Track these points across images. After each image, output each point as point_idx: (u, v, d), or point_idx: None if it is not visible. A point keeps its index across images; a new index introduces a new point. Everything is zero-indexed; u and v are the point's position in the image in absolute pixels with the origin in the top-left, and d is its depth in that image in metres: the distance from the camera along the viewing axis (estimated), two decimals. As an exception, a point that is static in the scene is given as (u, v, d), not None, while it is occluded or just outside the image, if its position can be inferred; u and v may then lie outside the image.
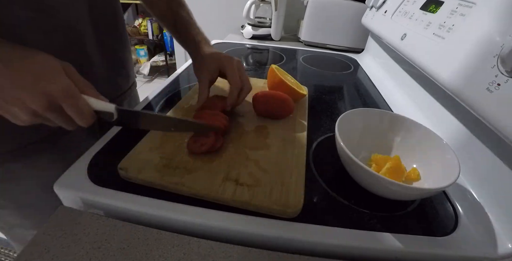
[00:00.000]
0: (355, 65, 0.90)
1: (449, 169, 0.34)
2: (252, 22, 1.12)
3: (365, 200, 0.36)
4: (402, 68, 0.69)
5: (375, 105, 0.64)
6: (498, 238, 0.33)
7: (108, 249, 0.28)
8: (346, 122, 0.40)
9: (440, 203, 0.38)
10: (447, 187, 0.31)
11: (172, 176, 0.35)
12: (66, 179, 0.36)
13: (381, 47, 0.84)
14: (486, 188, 0.38)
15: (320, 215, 0.33)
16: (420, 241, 0.32)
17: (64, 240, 0.29)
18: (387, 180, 0.31)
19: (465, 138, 0.43)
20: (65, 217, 0.31)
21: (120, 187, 0.34)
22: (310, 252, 0.31)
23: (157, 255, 0.28)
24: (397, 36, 0.60)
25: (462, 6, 0.45)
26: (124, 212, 0.33)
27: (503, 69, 0.32)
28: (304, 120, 0.50)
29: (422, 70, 0.49)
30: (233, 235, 0.32)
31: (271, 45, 1.05)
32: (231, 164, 0.38)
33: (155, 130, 0.42)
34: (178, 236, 0.30)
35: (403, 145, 0.42)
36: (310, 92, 0.62)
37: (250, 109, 0.50)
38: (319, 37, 1.06)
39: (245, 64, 0.83)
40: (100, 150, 0.41)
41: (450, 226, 0.34)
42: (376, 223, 0.33)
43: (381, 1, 0.78)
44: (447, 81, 0.41)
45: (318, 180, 0.39)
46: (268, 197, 0.33)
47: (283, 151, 0.41)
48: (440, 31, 0.47)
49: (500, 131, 0.32)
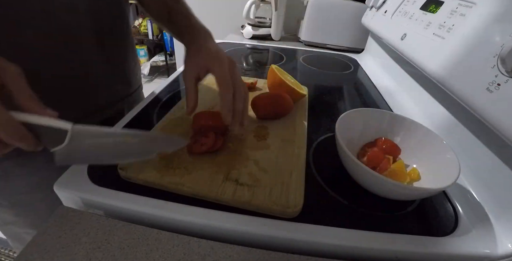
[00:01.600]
0: (355, 65, 0.90)
1: (449, 169, 0.34)
2: (252, 22, 1.12)
3: (365, 200, 0.36)
4: (402, 68, 0.69)
5: (375, 105, 0.64)
6: (498, 238, 0.33)
7: (108, 249, 0.28)
8: (346, 122, 0.40)
9: (440, 203, 0.38)
10: (447, 187, 0.31)
11: (172, 176, 0.35)
12: (66, 179, 0.36)
13: (381, 47, 0.84)
14: (486, 188, 0.38)
15: (320, 215, 0.33)
16: (420, 241, 0.32)
17: (64, 240, 0.29)
18: (387, 180, 0.31)
19: (465, 137, 0.43)
20: (65, 217, 0.31)
21: (120, 187, 0.34)
22: (310, 252, 0.31)
23: (157, 255, 0.28)
24: (397, 36, 0.60)
25: (462, 6, 0.45)
26: (124, 212, 0.33)
27: (503, 69, 0.32)
28: (304, 120, 0.50)
29: (422, 70, 0.49)
30: (233, 235, 0.32)
31: (271, 45, 1.05)
32: (231, 164, 0.38)
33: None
34: (178, 236, 0.30)
35: (403, 145, 0.42)
36: (310, 92, 0.62)
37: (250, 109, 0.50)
38: (319, 37, 1.06)
39: (245, 64, 0.83)
40: (100, 150, 0.41)
41: (450, 226, 0.34)
42: (376, 223, 0.33)
43: (381, 1, 0.78)
44: (447, 81, 0.41)
45: (318, 180, 0.39)
46: (268, 197, 0.33)
47: (283, 151, 0.41)
48: (440, 31, 0.47)
49: (500, 131, 0.32)
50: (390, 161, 0.39)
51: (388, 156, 0.40)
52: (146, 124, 0.48)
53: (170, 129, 0.44)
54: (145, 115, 0.51)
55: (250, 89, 0.59)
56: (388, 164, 0.38)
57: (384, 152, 0.40)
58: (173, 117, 0.47)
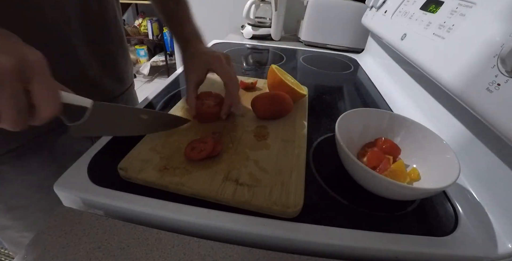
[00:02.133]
0: (355, 65, 0.90)
1: (449, 169, 0.34)
2: (252, 22, 1.12)
3: (365, 200, 0.36)
4: (402, 68, 0.69)
5: (375, 105, 0.64)
6: (498, 238, 0.33)
7: (108, 249, 0.28)
8: (346, 122, 0.40)
9: (440, 203, 0.38)
10: (447, 187, 0.31)
11: (172, 176, 0.35)
12: (66, 179, 0.36)
13: (381, 47, 0.84)
14: (486, 188, 0.38)
15: (320, 215, 0.33)
16: (420, 241, 0.32)
17: (64, 240, 0.29)
18: (387, 180, 0.31)
19: (465, 138, 0.43)
20: (65, 217, 0.31)
21: (120, 187, 0.34)
22: (310, 252, 0.31)
23: (157, 255, 0.28)
24: (397, 36, 0.60)
25: (462, 6, 0.45)
26: (124, 212, 0.33)
27: (503, 69, 0.32)
28: (304, 120, 0.50)
29: (422, 70, 0.49)
30: (233, 235, 0.32)
31: (271, 45, 1.05)
32: (231, 164, 0.38)
33: (131, 134, 0.39)
34: (178, 236, 0.30)
35: (403, 145, 0.42)
36: (310, 92, 0.62)
37: (250, 109, 0.50)
38: (319, 37, 1.06)
39: (245, 64, 0.83)
40: (100, 150, 0.41)
41: (450, 226, 0.34)
42: (376, 223, 0.33)
43: (381, 1, 0.78)
44: (447, 81, 0.41)
45: (318, 180, 0.39)
46: (268, 197, 0.33)
47: (283, 151, 0.41)
48: (440, 31, 0.47)
49: (500, 131, 0.32)
50: (390, 161, 0.39)
51: (388, 156, 0.40)
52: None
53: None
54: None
55: (250, 89, 0.59)
56: (388, 164, 0.38)
57: (384, 152, 0.40)
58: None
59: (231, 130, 0.45)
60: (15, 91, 0.22)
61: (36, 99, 0.23)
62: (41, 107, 0.24)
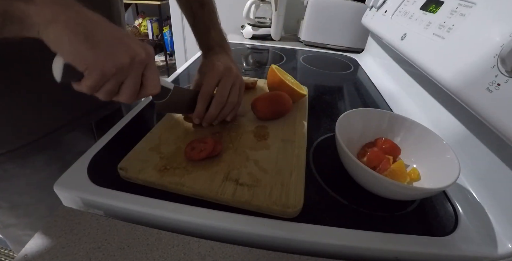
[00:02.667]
0: (355, 65, 0.90)
1: (449, 169, 0.34)
2: (252, 22, 1.12)
3: (365, 200, 0.36)
4: (402, 68, 0.69)
5: (375, 105, 0.64)
6: (498, 238, 0.33)
7: (108, 249, 0.28)
8: (346, 122, 0.40)
9: (440, 203, 0.38)
10: (447, 187, 0.31)
11: (172, 176, 0.35)
12: (66, 179, 0.36)
13: (381, 47, 0.84)
14: (486, 188, 0.38)
15: (320, 215, 0.33)
16: (420, 241, 0.32)
17: (64, 240, 0.29)
18: (387, 180, 0.31)
19: (465, 138, 0.43)
20: (65, 217, 0.31)
21: (120, 187, 0.34)
22: (310, 252, 0.31)
23: (157, 255, 0.28)
24: (397, 36, 0.60)
25: (462, 6, 0.45)
26: (124, 212, 0.33)
27: (503, 69, 0.32)
28: (304, 120, 0.50)
29: (422, 70, 0.49)
30: (233, 235, 0.32)
31: (271, 45, 1.05)
32: (231, 164, 0.38)
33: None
34: (178, 236, 0.30)
35: (403, 145, 0.42)
36: (310, 92, 0.62)
37: (250, 109, 0.50)
38: (319, 37, 1.06)
39: (245, 64, 0.83)
40: (100, 150, 0.41)
41: (450, 226, 0.34)
42: (376, 223, 0.33)
43: (381, 1, 0.78)
44: (447, 81, 0.41)
45: (318, 180, 0.39)
46: (268, 197, 0.33)
47: (283, 151, 0.41)
48: (440, 31, 0.47)
49: (500, 131, 0.32)
50: (390, 161, 0.39)
51: (388, 156, 0.40)
52: (146, 124, 0.48)
53: (170, 129, 0.44)
54: (145, 115, 0.51)
55: (250, 89, 0.59)
56: (388, 164, 0.38)
57: (384, 152, 0.40)
58: (173, 117, 0.47)
59: (231, 130, 0.45)
60: (139, 74, 0.29)
61: (147, 81, 0.31)
62: (148, 86, 0.31)
